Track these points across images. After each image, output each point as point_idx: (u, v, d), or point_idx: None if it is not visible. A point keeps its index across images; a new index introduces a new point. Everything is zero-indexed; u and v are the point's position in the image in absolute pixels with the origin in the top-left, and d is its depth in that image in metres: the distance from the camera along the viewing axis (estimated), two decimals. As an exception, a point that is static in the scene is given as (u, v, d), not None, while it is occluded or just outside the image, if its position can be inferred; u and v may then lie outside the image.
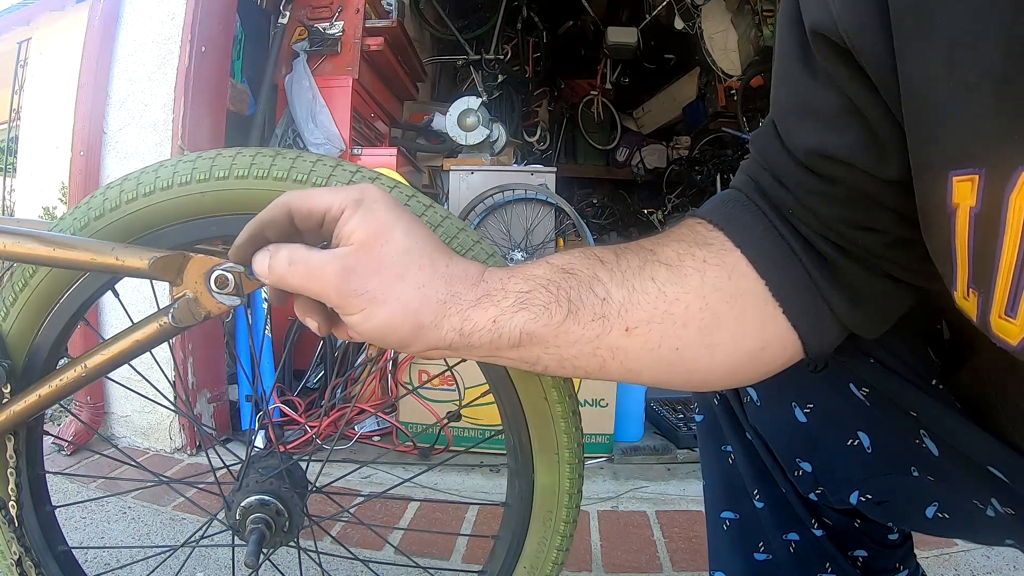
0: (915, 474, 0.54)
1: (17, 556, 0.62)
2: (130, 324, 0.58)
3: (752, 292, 0.43)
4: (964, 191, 0.33)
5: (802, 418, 0.58)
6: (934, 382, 0.52)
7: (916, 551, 0.68)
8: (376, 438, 1.80)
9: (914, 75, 0.33)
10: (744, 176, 0.48)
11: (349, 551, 1.12)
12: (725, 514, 0.68)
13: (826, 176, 0.40)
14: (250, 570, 0.60)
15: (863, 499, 0.57)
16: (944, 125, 0.33)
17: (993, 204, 0.31)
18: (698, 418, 0.70)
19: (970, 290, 0.35)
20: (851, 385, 0.55)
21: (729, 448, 0.66)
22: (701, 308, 0.42)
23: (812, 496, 0.60)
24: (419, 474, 1.55)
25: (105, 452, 1.59)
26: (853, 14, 0.34)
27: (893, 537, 0.65)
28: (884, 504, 0.56)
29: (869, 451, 0.55)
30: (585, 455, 0.65)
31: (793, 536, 0.64)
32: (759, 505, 0.64)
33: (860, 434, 0.55)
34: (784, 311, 0.43)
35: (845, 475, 0.57)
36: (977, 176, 0.32)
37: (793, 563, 0.63)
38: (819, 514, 0.63)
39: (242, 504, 0.63)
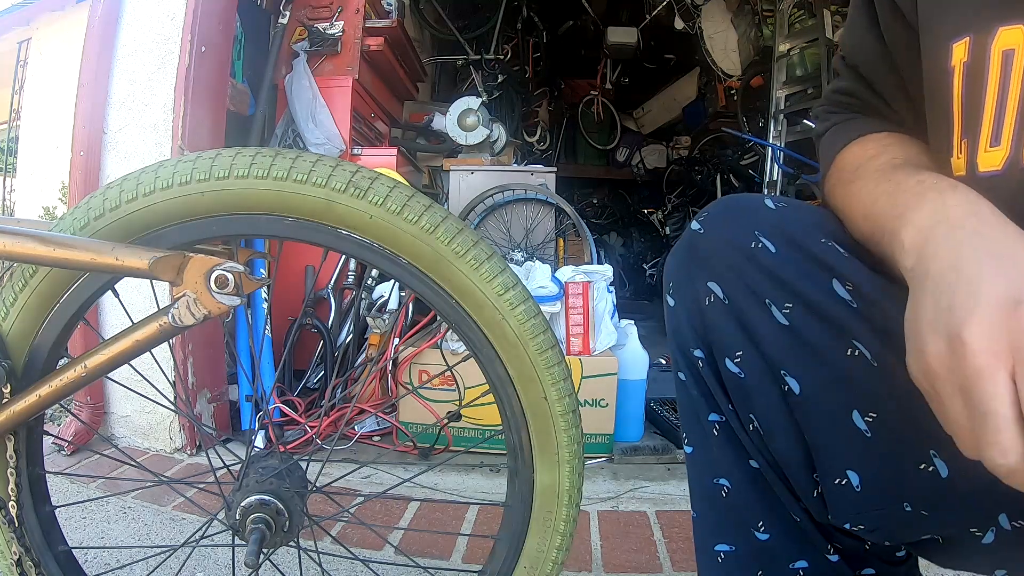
0: (907, 509, 0.51)
1: (17, 556, 0.62)
2: (130, 324, 0.59)
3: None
4: (959, 52, 0.44)
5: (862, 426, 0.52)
6: None
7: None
8: (376, 438, 1.80)
9: None
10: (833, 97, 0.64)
11: (349, 551, 1.12)
12: (720, 547, 0.63)
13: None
14: (250, 570, 0.60)
15: (856, 528, 0.53)
16: (947, 12, 0.45)
17: (979, 55, 0.42)
18: (687, 450, 0.63)
19: (962, 143, 0.44)
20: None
21: (724, 482, 0.61)
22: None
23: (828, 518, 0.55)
24: (419, 474, 1.55)
25: (105, 452, 1.59)
26: None
27: (900, 554, 0.62)
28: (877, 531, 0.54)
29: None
30: (585, 455, 0.65)
31: (802, 564, 0.59)
32: (763, 537, 0.60)
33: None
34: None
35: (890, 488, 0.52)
36: (968, 38, 0.43)
37: None
38: (833, 539, 0.58)
39: (242, 504, 0.63)
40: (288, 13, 2.20)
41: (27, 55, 2.14)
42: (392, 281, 1.92)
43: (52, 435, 1.59)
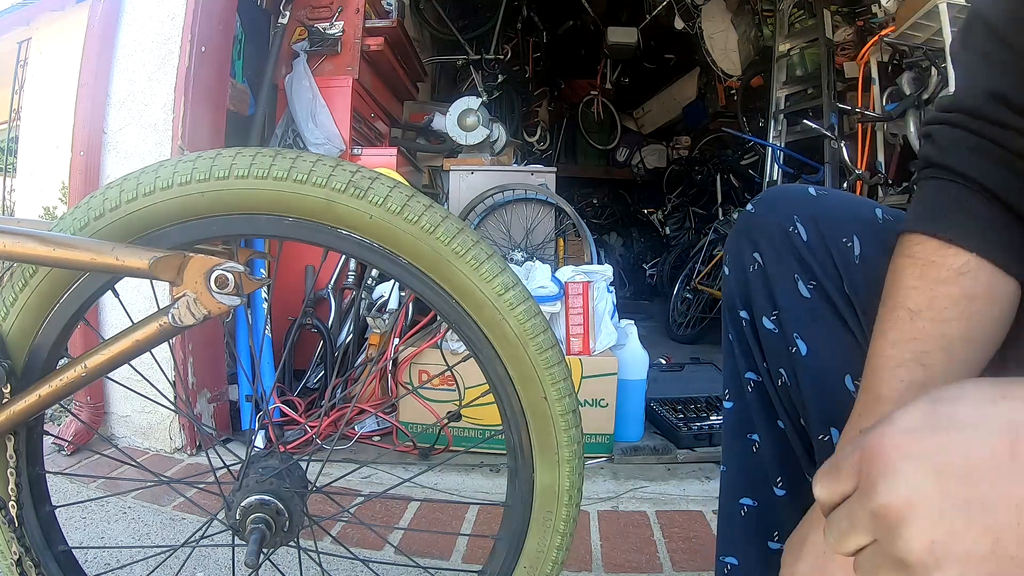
0: None
1: (17, 556, 0.62)
2: (130, 324, 0.58)
3: (994, 285, 0.51)
4: None
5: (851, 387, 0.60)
6: None
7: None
8: (376, 438, 1.80)
9: None
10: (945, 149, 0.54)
11: (349, 551, 1.12)
12: (744, 500, 0.70)
13: None
14: (250, 570, 0.60)
15: None
16: None
17: None
18: (727, 405, 0.73)
19: None
20: None
21: (755, 437, 0.69)
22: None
23: None
24: (419, 474, 1.55)
25: (105, 452, 1.59)
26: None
27: None
28: None
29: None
30: (585, 455, 0.65)
31: None
32: (780, 492, 0.67)
33: None
34: (1014, 275, 0.51)
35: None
36: None
37: None
38: None
39: (242, 504, 0.63)
40: (288, 13, 2.20)
41: (27, 55, 2.14)
42: (392, 281, 1.92)
43: (52, 435, 1.59)
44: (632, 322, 1.84)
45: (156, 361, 0.71)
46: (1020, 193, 0.50)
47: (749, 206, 0.69)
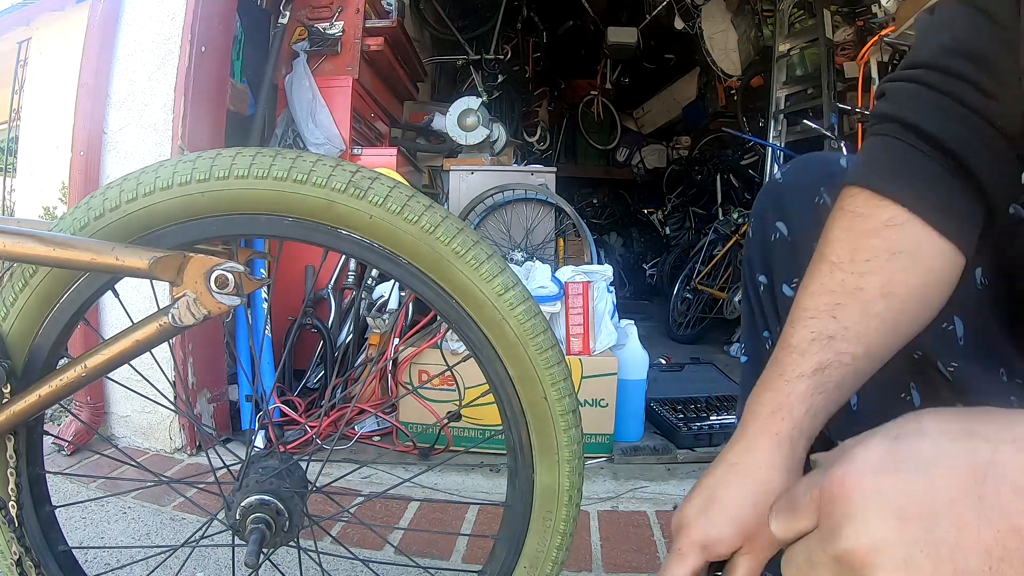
0: None
1: (17, 556, 0.62)
2: (130, 324, 0.58)
3: (927, 246, 0.49)
4: None
5: None
6: None
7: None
8: (376, 438, 1.80)
9: None
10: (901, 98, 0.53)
11: (349, 551, 1.12)
12: None
13: None
14: (250, 570, 0.60)
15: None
16: None
17: None
18: (743, 359, 0.75)
19: None
20: None
21: None
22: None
23: None
24: (419, 474, 1.55)
25: (105, 452, 1.59)
26: None
27: None
28: None
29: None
30: (585, 455, 0.65)
31: None
32: None
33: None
34: (950, 238, 0.49)
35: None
36: None
37: None
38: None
39: (242, 504, 0.63)
40: (288, 13, 2.20)
41: (27, 55, 2.14)
42: (392, 281, 1.92)
43: (52, 435, 1.59)
44: (632, 322, 1.84)
45: (156, 361, 0.71)
46: (976, 152, 0.49)
47: (777, 173, 0.68)
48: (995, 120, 0.48)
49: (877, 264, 0.48)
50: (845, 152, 2.84)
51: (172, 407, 1.56)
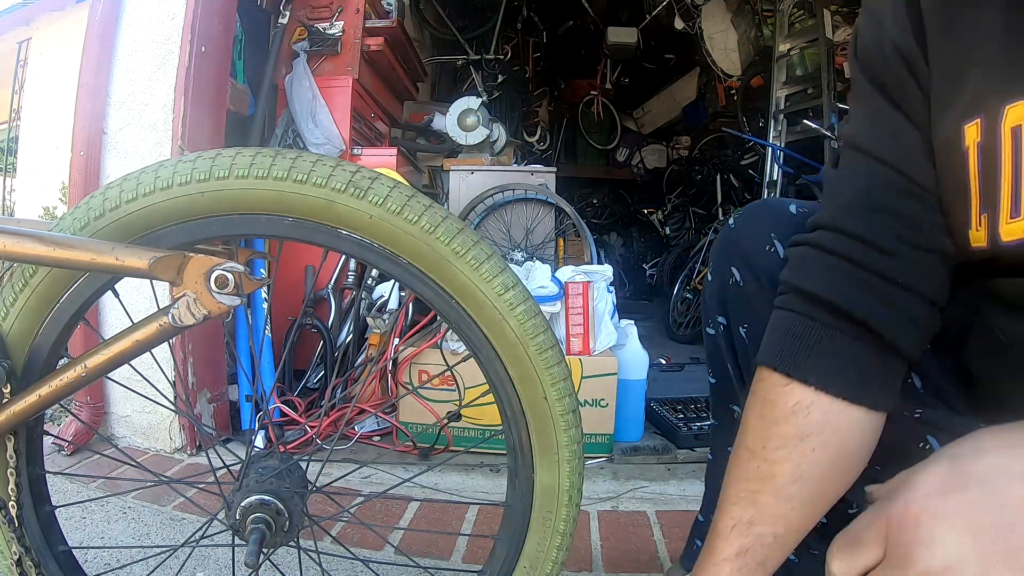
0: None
1: (17, 556, 0.62)
2: (130, 324, 0.58)
3: (843, 422, 0.51)
4: (972, 133, 0.45)
5: None
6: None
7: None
8: (376, 438, 1.80)
9: (941, 60, 0.48)
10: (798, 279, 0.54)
11: (349, 551, 1.12)
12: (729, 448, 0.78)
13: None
14: (250, 570, 0.60)
15: None
16: (957, 96, 0.46)
17: (991, 134, 0.44)
18: (711, 380, 0.80)
19: (981, 217, 0.46)
20: None
21: (735, 407, 0.77)
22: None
23: None
24: (419, 474, 1.55)
25: (105, 452, 1.59)
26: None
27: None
28: None
29: None
30: (585, 455, 0.65)
31: None
32: None
33: None
34: (861, 403, 0.50)
35: None
36: (979, 119, 0.45)
37: None
38: None
39: (242, 504, 0.63)
40: (288, 13, 2.20)
41: (27, 55, 2.14)
42: (392, 281, 1.92)
43: (52, 435, 1.59)
44: (632, 322, 1.84)
45: (156, 361, 0.71)
46: (875, 311, 0.49)
47: (731, 220, 0.72)
48: (895, 276, 0.49)
49: (786, 452, 0.50)
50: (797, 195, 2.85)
51: (172, 407, 1.56)
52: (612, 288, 1.82)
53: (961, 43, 0.47)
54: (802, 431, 0.50)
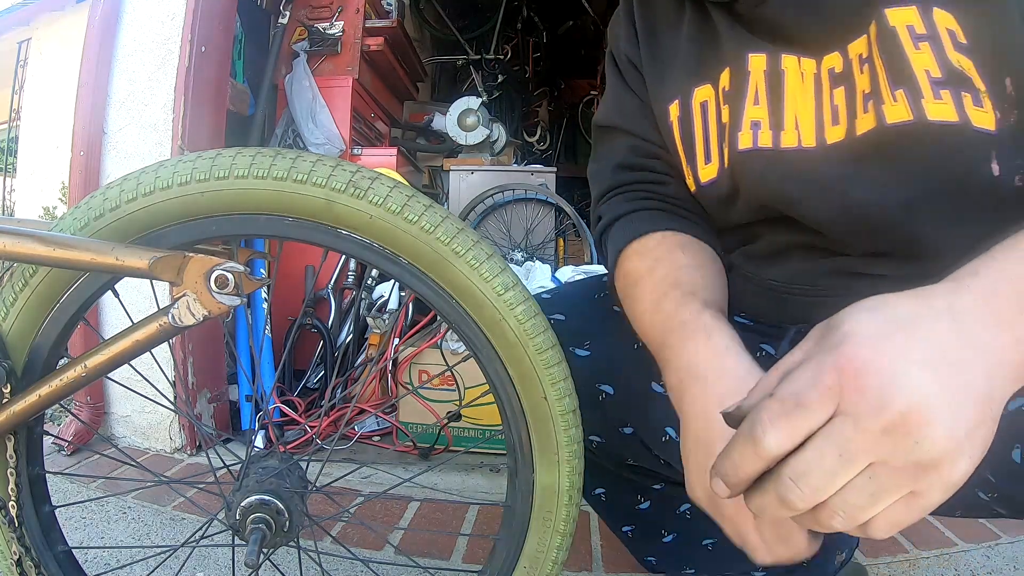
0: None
1: (17, 556, 0.62)
2: (130, 324, 0.59)
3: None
4: (675, 110, 0.64)
5: None
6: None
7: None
8: (376, 438, 1.80)
9: (651, 65, 0.67)
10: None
11: (349, 551, 1.12)
12: (626, 528, 0.83)
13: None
14: (250, 570, 0.60)
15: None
16: (664, 85, 0.65)
17: (686, 108, 0.63)
18: (598, 491, 0.81)
19: (687, 167, 0.64)
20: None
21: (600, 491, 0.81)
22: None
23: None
24: (419, 474, 1.55)
25: (105, 452, 1.59)
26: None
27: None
28: None
29: None
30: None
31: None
32: (644, 506, 0.80)
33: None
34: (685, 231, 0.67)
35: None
36: (678, 100, 0.63)
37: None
38: None
39: (242, 504, 0.63)
40: (288, 13, 2.20)
41: (27, 55, 2.14)
42: (392, 281, 1.92)
43: (52, 435, 1.59)
44: (632, 322, 1.83)
45: (156, 361, 0.71)
46: (667, 201, 0.67)
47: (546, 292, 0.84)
48: (669, 194, 0.67)
49: (662, 251, 0.63)
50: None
51: (172, 407, 1.56)
52: (612, 288, 1.82)
53: (661, 53, 0.66)
54: (673, 243, 0.63)
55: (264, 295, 1.92)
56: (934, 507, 0.31)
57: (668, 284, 0.58)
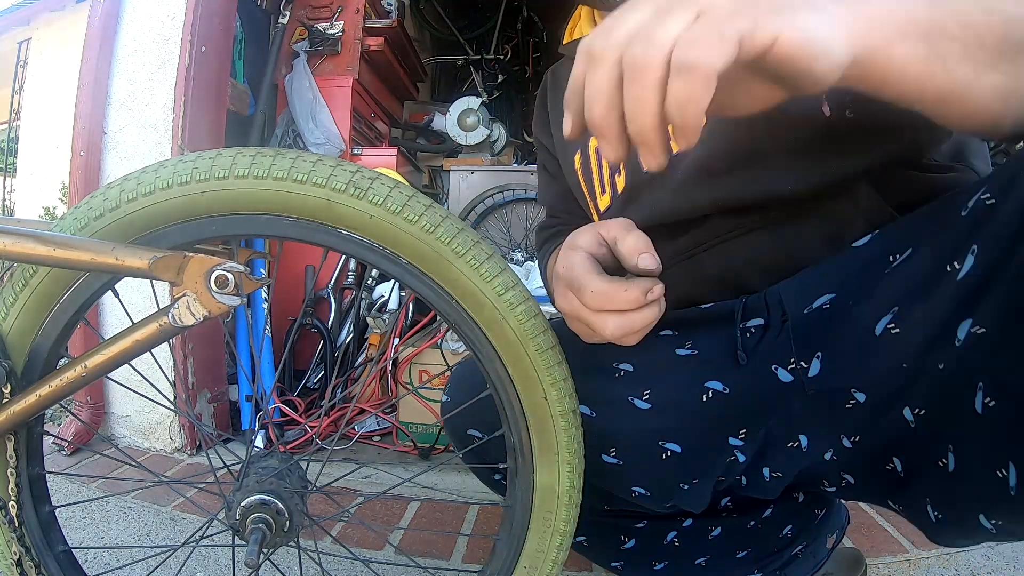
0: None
1: (17, 556, 0.62)
2: (130, 324, 0.59)
3: None
4: (578, 159, 0.80)
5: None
6: None
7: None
8: (376, 438, 1.80)
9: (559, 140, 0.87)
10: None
11: (349, 551, 1.12)
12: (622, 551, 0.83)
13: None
14: (250, 570, 0.60)
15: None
16: (568, 146, 0.82)
17: (585, 155, 0.79)
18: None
19: (590, 202, 0.80)
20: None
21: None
22: None
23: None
24: (419, 474, 1.55)
25: (105, 452, 1.59)
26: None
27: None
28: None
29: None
30: (585, 455, 0.64)
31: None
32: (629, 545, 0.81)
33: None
34: None
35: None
36: (579, 151, 0.80)
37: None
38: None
39: (242, 504, 0.63)
40: (288, 13, 2.20)
41: (27, 55, 2.14)
42: (392, 281, 1.92)
43: (52, 435, 1.59)
44: (632, 322, 1.83)
45: (156, 361, 0.71)
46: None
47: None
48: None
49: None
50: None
51: (172, 407, 1.56)
52: (612, 288, 1.82)
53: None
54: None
55: (264, 295, 1.92)
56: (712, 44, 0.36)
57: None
